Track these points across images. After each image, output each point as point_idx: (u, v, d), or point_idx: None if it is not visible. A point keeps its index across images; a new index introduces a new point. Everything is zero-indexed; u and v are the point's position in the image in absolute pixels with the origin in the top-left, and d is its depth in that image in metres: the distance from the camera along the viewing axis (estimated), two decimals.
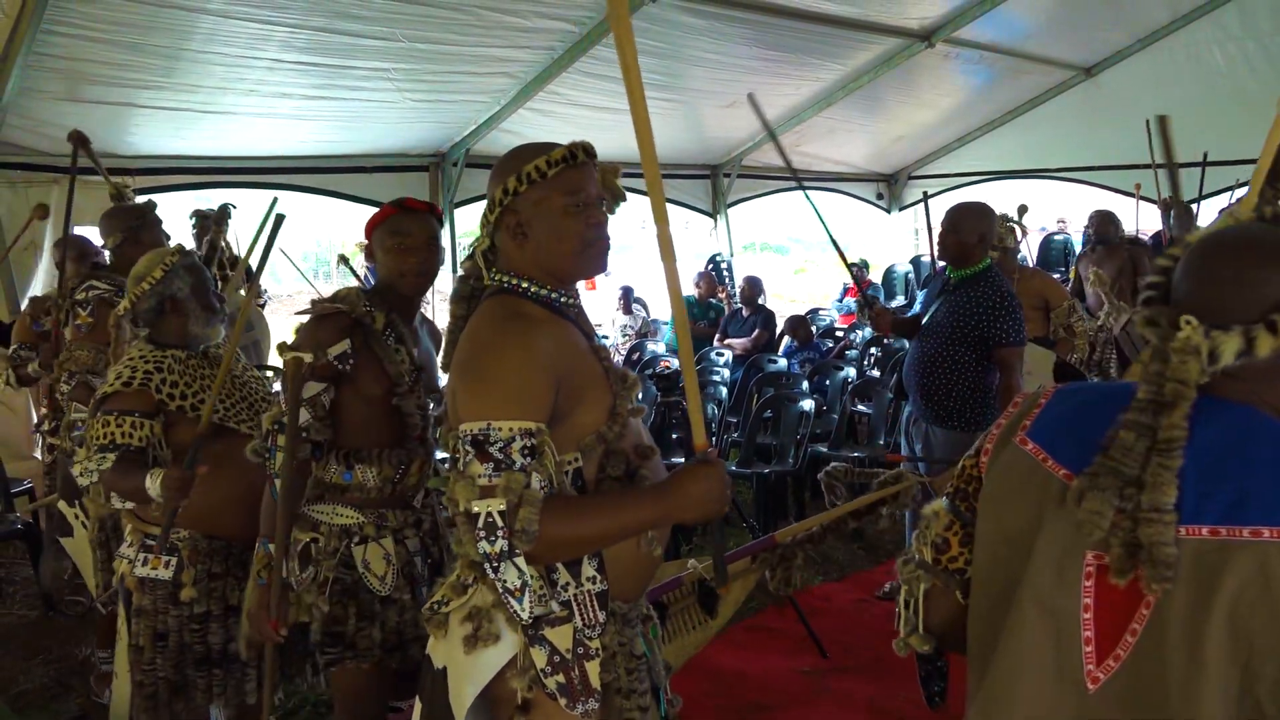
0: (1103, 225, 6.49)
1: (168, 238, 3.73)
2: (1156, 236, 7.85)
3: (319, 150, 6.52)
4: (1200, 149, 8.63)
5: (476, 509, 1.44)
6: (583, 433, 1.59)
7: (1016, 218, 5.52)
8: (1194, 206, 7.25)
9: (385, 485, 2.31)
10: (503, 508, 1.43)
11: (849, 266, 4.47)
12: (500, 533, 1.43)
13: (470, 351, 1.56)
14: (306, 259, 15.81)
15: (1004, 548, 1.20)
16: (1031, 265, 7.15)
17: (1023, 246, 6.27)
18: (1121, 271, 6.66)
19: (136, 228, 3.63)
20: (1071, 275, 6.70)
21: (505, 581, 1.48)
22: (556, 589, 1.58)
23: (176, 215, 4.60)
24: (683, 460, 5.12)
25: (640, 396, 1.68)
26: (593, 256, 1.65)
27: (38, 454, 4.96)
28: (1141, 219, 7.96)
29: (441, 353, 1.75)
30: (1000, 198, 12.69)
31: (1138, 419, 1.08)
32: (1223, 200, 8.13)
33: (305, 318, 2.34)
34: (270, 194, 6.93)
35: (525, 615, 1.52)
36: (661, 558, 1.69)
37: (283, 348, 2.24)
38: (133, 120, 5.42)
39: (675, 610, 2.26)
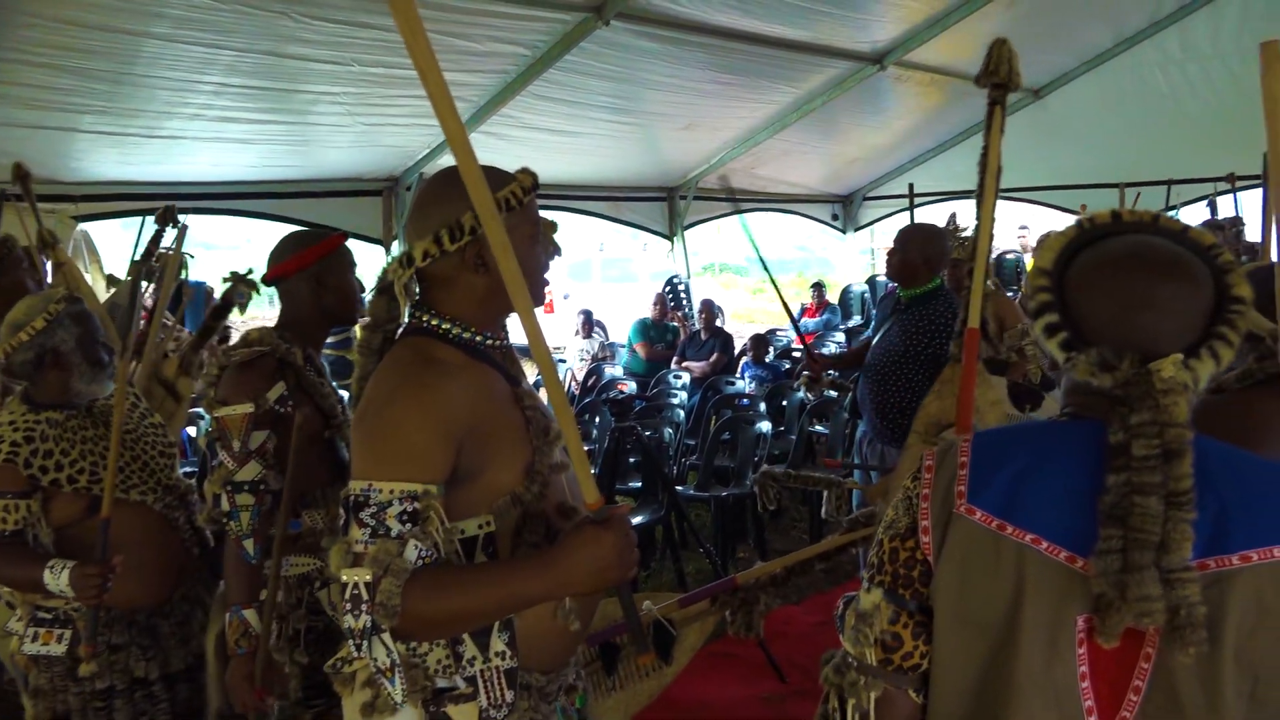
0: None
1: (37, 280, 3.26)
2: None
3: (269, 175, 6.42)
4: (1144, 168, 8.86)
5: (345, 578, 1.31)
6: (496, 493, 1.45)
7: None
8: None
9: (334, 524, 2.24)
10: (369, 579, 1.29)
11: (789, 313, 4.51)
12: (364, 607, 1.29)
13: (366, 403, 1.43)
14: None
15: (971, 632, 1.09)
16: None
17: None
18: None
19: None
20: (1023, 294, 6.77)
21: (375, 660, 1.36)
22: (462, 663, 1.45)
23: (124, 242, 4.44)
24: (640, 485, 5.09)
25: (559, 454, 1.53)
26: (544, 285, 1.59)
27: None
28: None
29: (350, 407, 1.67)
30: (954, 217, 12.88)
31: (1150, 479, 1.00)
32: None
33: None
34: (220, 219, 6.84)
35: (399, 697, 1.40)
36: (583, 630, 1.56)
37: (210, 404, 2.14)
38: (75, 145, 5.30)
39: (627, 654, 2.20)
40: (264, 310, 11.14)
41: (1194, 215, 8.71)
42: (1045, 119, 9.39)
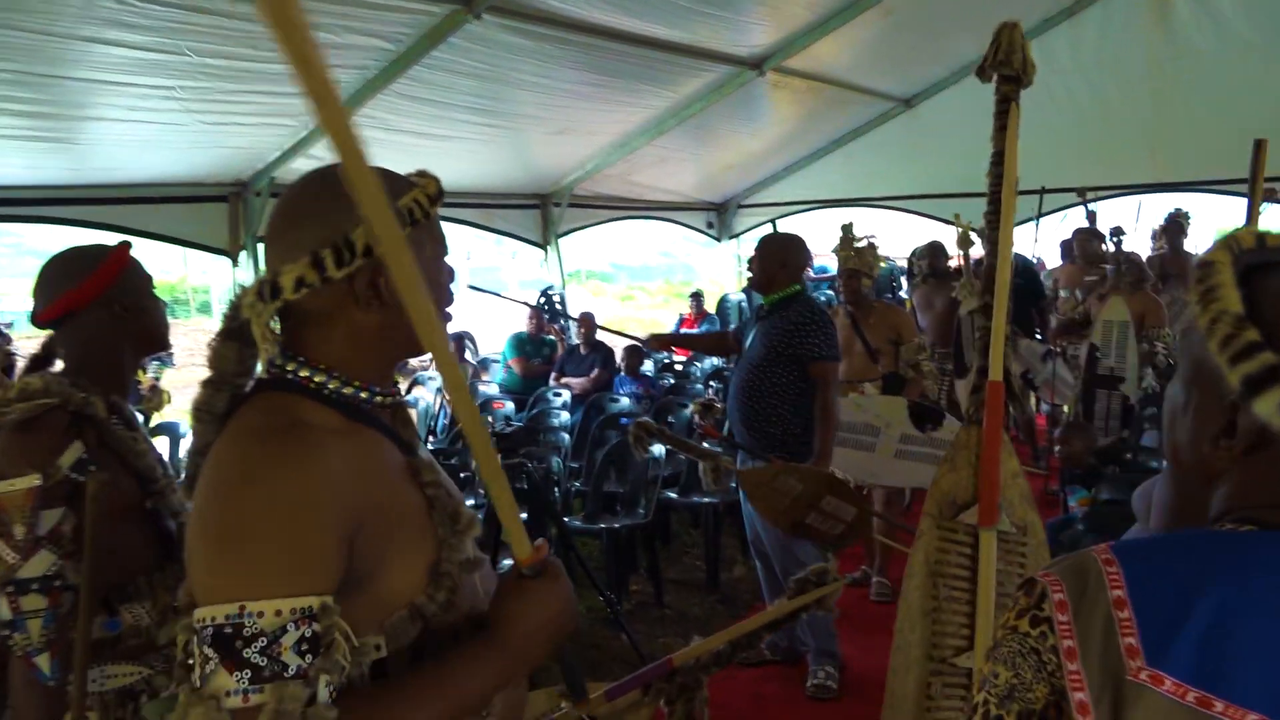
0: (934, 257, 6.54)
1: None
2: (978, 263, 8.03)
3: (92, 179, 5.69)
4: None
5: None
6: (389, 605, 1.09)
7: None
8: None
9: (165, 617, 1.75)
10: None
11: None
12: None
13: (213, 490, 1.04)
14: None
15: None
16: None
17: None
18: (952, 304, 6.72)
19: None
20: (907, 306, 6.70)
21: None
22: None
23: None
24: (525, 516, 4.66)
25: (471, 546, 1.19)
26: (447, 319, 1.23)
27: None
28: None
29: (181, 489, 1.24)
30: (827, 226, 12.96)
31: None
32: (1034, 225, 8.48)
33: None
34: (32, 228, 6.03)
35: None
36: None
37: None
38: None
39: None
40: None
41: (1056, 225, 8.93)
42: (917, 128, 9.48)
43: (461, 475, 5.03)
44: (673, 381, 7.26)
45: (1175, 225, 7.17)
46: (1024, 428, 7.14)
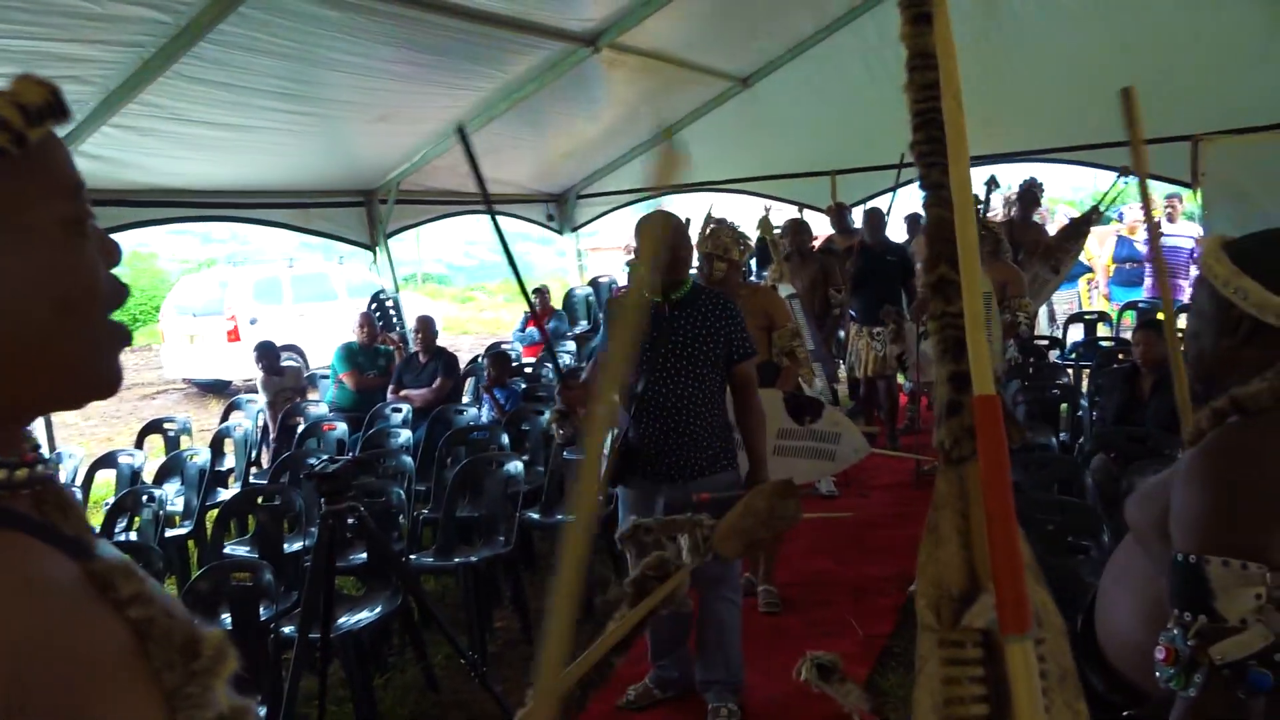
0: (797, 235, 6.29)
1: None
2: (830, 242, 7.84)
3: None
4: (847, 156, 8.94)
5: None
6: None
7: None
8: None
9: None
10: None
11: (529, 299, 3.68)
12: None
13: None
14: None
15: None
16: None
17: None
18: (815, 282, 6.46)
19: None
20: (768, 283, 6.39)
21: None
22: None
23: None
24: (364, 557, 4.01)
25: (227, 692, 0.70)
26: (118, 340, 0.73)
27: None
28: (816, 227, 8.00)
29: None
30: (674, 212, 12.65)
31: None
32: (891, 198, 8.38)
33: None
34: None
35: None
36: None
37: None
38: None
39: None
40: None
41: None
42: (755, 108, 9.24)
43: (287, 517, 4.34)
44: (524, 386, 6.67)
45: (1030, 195, 7.16)
46: (888, 410, 6.96)
